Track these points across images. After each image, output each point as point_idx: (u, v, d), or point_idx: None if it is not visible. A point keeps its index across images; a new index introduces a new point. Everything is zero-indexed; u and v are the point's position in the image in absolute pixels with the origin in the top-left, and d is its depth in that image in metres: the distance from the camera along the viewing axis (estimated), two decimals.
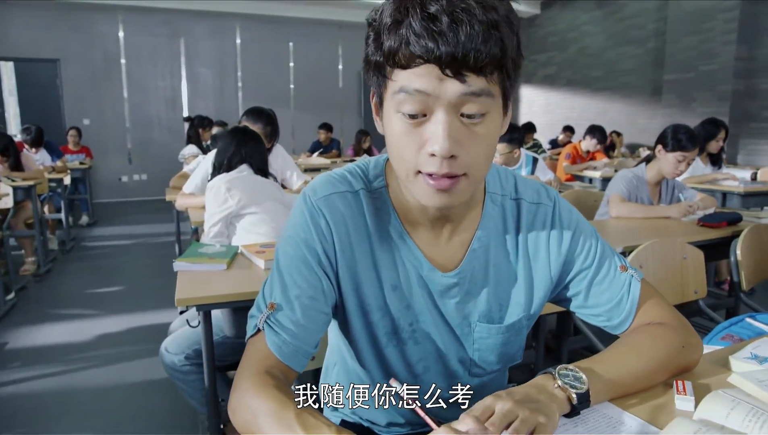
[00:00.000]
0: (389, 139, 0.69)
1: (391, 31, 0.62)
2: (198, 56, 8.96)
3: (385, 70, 0.66)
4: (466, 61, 0.60)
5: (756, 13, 5.56)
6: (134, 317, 3.32)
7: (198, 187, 2.75)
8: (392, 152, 0.70)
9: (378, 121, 0.74)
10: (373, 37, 0.66)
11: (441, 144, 0.63)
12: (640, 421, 0.69)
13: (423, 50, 0.60)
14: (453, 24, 0.59)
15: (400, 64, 0.63)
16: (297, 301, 0.75)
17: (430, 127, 0.64)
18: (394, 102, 0.66)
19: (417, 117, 0.64)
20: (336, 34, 9.86)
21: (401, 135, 0.66)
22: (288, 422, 0.62)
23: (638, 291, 0.84)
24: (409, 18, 0.60)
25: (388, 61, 0.64)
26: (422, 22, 0.60)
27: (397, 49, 0.62)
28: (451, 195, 0.68)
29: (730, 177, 3.56)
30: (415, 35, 0.60)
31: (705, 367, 0.86)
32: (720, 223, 2.13)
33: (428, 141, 0.64)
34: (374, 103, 0.74)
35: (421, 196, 0.70)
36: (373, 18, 0.67)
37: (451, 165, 0.65)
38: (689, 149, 2.26)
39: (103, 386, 2.44)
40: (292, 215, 0.81)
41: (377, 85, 0.69)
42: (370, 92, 0.74)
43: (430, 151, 0.64)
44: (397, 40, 0.62)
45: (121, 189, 8.77)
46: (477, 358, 0.85)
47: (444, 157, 0.64)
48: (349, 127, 10.10)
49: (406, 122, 0.65)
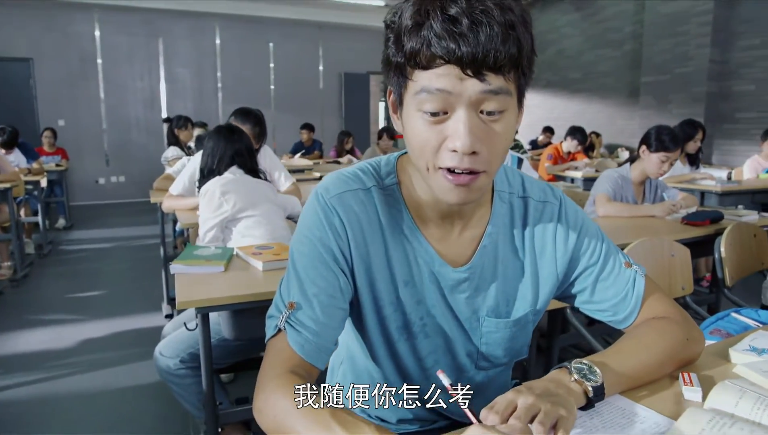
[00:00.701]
0: (410, 136, 0.70)
1: (413, 33, 0.64)
2: (177, 56, 8.84)
3: (405, 70, 0.67)
4: (486, 61, 0.62)
5: (728, 18, 5.73)
6: (118, 321, 3.26)
7: (185, 187, 2.71)
8: (413, 148, 0.71)
9: (396, 118, 0.75)
10: (393, 39, 0.67)
11: (463, 140, 0.65)
12: (653, 412, 0.72)
13: (444, 51, 0.62)
14: (473, 25, 0.61)
15: (421, 65, 0.64)
16: (316, 299, 0.75)
17: (452, 124, 0.66)
18: (415, 101, 0.67)
19: (438, 114, 0.66)
20: (317, 35, 9.83)
21: (422, 132, 0.68)
22: (325, 422, 0.62)
23: (642, 286, 0.87)
24: (429, 20, 0.62)
25: (410, 62, 0.65)
26: (443, 24, 0.61)
27: (418, 51, 0.64)
28: (470, 190, 0.70)
29: (707, 177, 3.66)
30: (436, 37, 0.62)
31: (705, 359, 0.89)
32: (703, 222, 2.20)
33: (450, 137, 0.66)
34: (392, 102, 0.75)
35: (440, 192, 0.71)
36: (391, 20, 0.68)
37: (472, 160, 0.66)
38: (672, 150, 2.32)
39: (89, 392, 2.40)
40: (305, 214, 0.81)
41: (397, 85, 0.70)
42: (387, 91, 0.75)
43: (452, 148, 0.66)
44: (419, 42, 0.63)
45: (99, 191, 8.59)
46: (484, 351, 0.87)
47: (465, 153, 0.66)
48: (330, 128, 10.08)
49: (427, 120, 0.67)
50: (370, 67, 10.35)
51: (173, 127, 4.90)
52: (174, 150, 4.78)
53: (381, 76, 10.55)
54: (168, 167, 4.85)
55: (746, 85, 5.65)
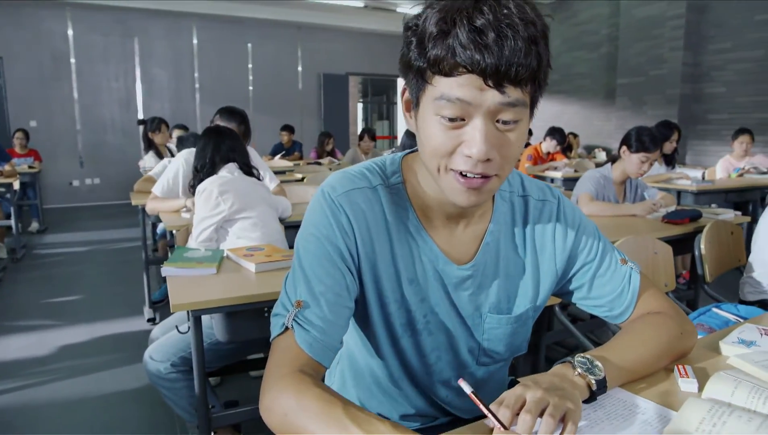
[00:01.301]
0: (424, 138, 0.72)
1: (438, 40, 0.65)
2: (153, 57, 8.70)
3: (426, 75, 0.68)
4: (508, 74, 0.63)
5: (699, 22, 5.89)
6: (98, 326, 3.19)
7: (168, 188, 2.67)
8: (426, 149, 0.72)
9: (408, 117, 0.77)
10: (416, 43, 0.68)
11: (479, 148, 0.66)
12: (653, 404, 0.74)
13: (469, 61, 0.63)
14: (498, 38, 0.62)
15: (444, 72, 0.66)
16: (323, 298, 0.76)
17: (468, 131, 0.67)
18: (434, 106, 0.68)
19: (456, 120, 0.67)
20: (295, 36, 9.79)
21: (438, 135, 0.69)
22: (339, 420, 0.62)
23: (638, 282, 0.90)
24: (456, 29, 0.63)
25: (432, 67, 0.66)
26: (469, 34, 0.62)
27: (442, 58, 0.65)
28: (480, 194, 0.72)
29: (683, 176, 3.77)
30: (462, 46, 0.63)
31: (697, 352, 0.92)
32: (683, 220, 2.26)
33: (465, 143, 0.68)
34: (406, 101, 0.77)
35: (451, 193, 0.73)
36: (414, 24, 0.69)
37: (484, 166, 0.68)
38: (652, 150, 2.38)
39: (72, 399, 2.34)
40: (312, 212, 0.81)
41: (415, 87, 0.71)
42: (402, 89, 0.77)
43: (467, 154, 0.67)
44: (444, 50, 0.64)
45: (73, 194, 8.39)
46: (486, 347, 0.89)
47: (480, 161, 0.67)
48: (310, 129, 10.04)
49: (444, 124, 0.68)
50: (349, 68, 10.35)
51: (147, 130, 4.78)
52: (151, 158, 4.65)
53: (360, 77, 10.54)
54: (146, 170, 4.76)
55: (717, 87, 5.82)
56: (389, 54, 10.74)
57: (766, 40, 5.36)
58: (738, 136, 4.60)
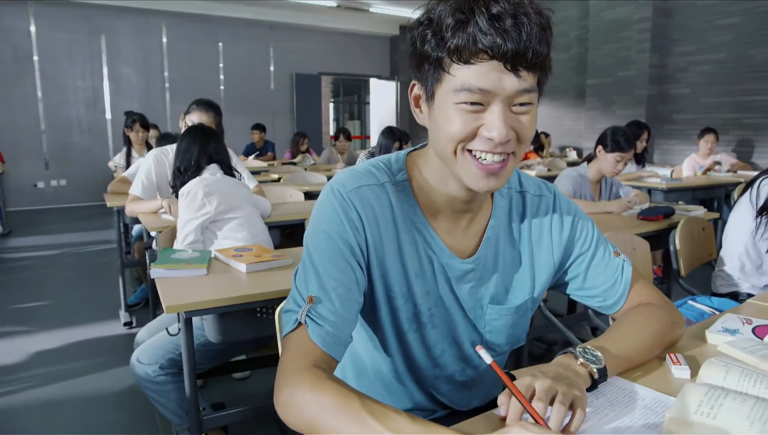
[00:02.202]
0: (443, 124, 0.74)
1: (457, 30, 0.68)
2: (121, 55, 8.49)
3: (444, 64, 0.71)
4: (525, 58, 0.67)
5: (665, 25, 6.09)
6: (71, 332, 3.11)
7: (144, 187, 2.63)
8: (443, 135, 0.74)
9: (418, 112, 0.80)
10: (432, 35, 0.71)
11: (499, 131, 0.70)
12: (650, 390, 0.78)
13: (490, 45, 0.67)
14: (515, 24, 0.66)
15: (464, 59, 0.69)
16: (334, 293, 0.77)
17: (488, 116, 0.71)
18: (453, 95, 0.71)
19: (476, 105, 0.71)
20: (267, 35, 9.70)
21: (458, 121, 0.72)
22: (356, 413, 0.63)
23: (630, 274, 0.94)
24: (475, 17, 0.67)
25: (452, 56, 0.69)
26: (488, 21, 0.66)
27: (463, 46, 0.68)
28: (498, 178, 0.75)
29: (653, 174, 3.89)
30: (482, 32, 0.66)
31: (685, 341, 0.96)
32: (657, 217, 2.35)
33: (485, 126, 0.71)
34: (415, 96, 0.80)
35: (468, 177, 0.75)
36: (426, 19, 0.72)
37: (503, 147, 0.72)
38: (626, 150, 2.46)
39: (49, 405, 2.28)
40: (321, 209, 0.82)
41: (432, 78, 0.74)
42: (410, 85, 0.79)
43: (488, 136, 0.71)
44: (464, 38, 0.67)
45: (37, 196, 8.12)
46: (488, 339, 0.92)
47: (500, 142, 0.71)
48: (282, 130, 9.97)
49: (465, 109, 0.71)
50: (321, 67, 10.31)
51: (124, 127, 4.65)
52: (121, 157, 4.53)
53: (332, 77, 10.48)
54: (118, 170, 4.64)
55: (683, 88, 6.03)
56: (362, 54, 10.76)
57: (727, 44, 5.58)
58: (703, 135, 4.79)
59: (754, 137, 5.44)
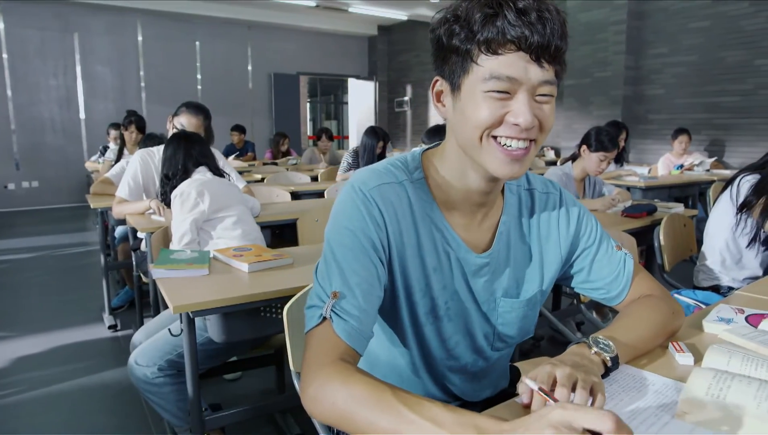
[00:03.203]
0: (468, 113, 0.77)
1: (486, 23, 0.72)
2: (95, 53, 8.31)
3: (473, 56, 0.75)
4: (548, 50, 0.73)
5: (640, 28, 6.26)
6: (53, 336, 3.04)
7: (131, 189, 2.59)
8: (469, 123, 0.77)
9: (440, 105, 0.84)
10: (460, 30, 0.75)
11: (525, 117, 0.74)
12: (658, 376, 0.82)
13: (518, 36, 0.71)
14: (540, 18, 0.71)
15: (492, 50, 0.73)
16: (358, 288, 0.79)
17: (514, 103, 0.75)
18: (482, 84, 0.75)
19: (503, 93, 0.75)
20: (245, 35, 9.62)
21: (485, 108, 0.75)
22: (390, 403, 0.65)
23: (632, 267, 0.99)
24: (503, 11, 0.71)
25: (481, 47, 0.73)
26: (516, 14, 0.71)
27: (493, 38, 0.72)
28: (521, 164, 0.78)
29: (632, 173, 4.01)
30: (511, 25, 0.71)
31: (682, 331, 1.01)
32: (641, 214, 2.43)
33: (511, 113, 0.75)
34: (437, 92, 0.83)
35: (492, 163, 0.78)
36: (453, 16, 0.76)
37: (528, 133, 0.76)
38: (610, 150, 2.53)
39: (36, 411, 2.24)
40: (343, 207, 0.84)
41: (459, 71, 0.77)
42: (432, 81, 0.83)
43: (514, 122, 0.75)
44: (494, 30, 0.72)
45: (9, 198, 7.89)
46: (501, 331, 0.95)
47: (526, 128, 0.75)
48: (261, 130, 9.90)
49: (493, 97, 0.75)
50: (300, 67, 10.27)
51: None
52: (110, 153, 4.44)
53: (309, 77, 10.38)
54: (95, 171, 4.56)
55: (657, 89, 6.20)
56: (340, 54, 10.74)
57: (699, 46, 5.77)
58: (678, 135, 4.94)
59: (725, 137, 5.63)
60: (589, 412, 0.54)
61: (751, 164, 1.93)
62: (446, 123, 0.86)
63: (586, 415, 0.54)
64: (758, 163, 1.90)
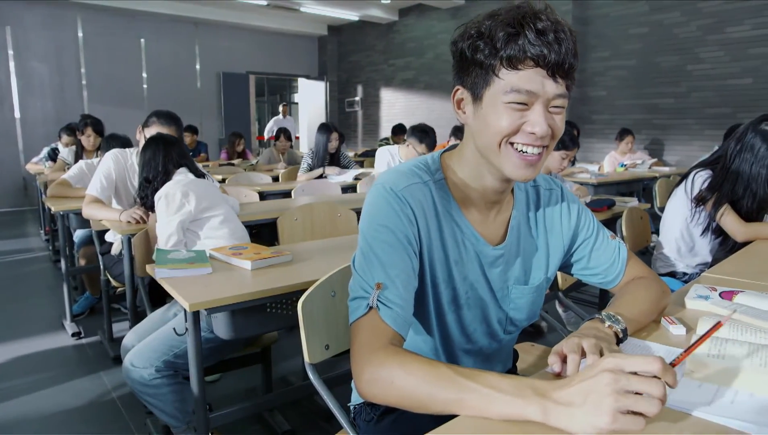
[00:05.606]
0: (489, 121, 0.85)
1: (509, 41, 0.80)
2: (30, 49, 7.88)
3: (496, 70, 0.82)
4: (563, 67, 0.81)
5: (584, 33, 6.62)
6: (13, 346, 2.91)
7: (103, 187, 2.52)
8: (489, 130, 0.86)
9: (461, 112, 0.92)
10: (484, 45, 0.82)
11: (541, 127, 0.83)
12: (660, 345, 0.94)
13: (538, 54, 0.79)
14: (557, 39, 0.79)
15: (513, 66, 0.81)
16: (398, 279, 0.86)
17: (531, 114, 0.83)
18: (503, 96, 0.83)
19: (521, 105, 0.83)
20: (192, 33, 9.40)
21: (505, 118, 0.84)
22: (449, 377, 0.72)
23: (625, 253, 1.11)
24: (524, 31, 0.79)
25: (503, 63, 0.81)
26: (536, 35, 0.79)
27: (515, 55, 0.80)
28: (535, 168, 0.88)
29: (584, 170, 4.26)
30: (531, 44, 0.79)
31: (668, 308, 1.14)
32: (603, 208, 2.61)
33: (528, 123, 0.84)
34: (458, 100, 0.92)
35: (509, 167, 0.87)
36: (477, 32, 0.83)
37: (542, 140, 0.85)
38: (571, 148, 2.70)
39: (3, 428, 2.14)
40: (376, 206, 0.91)
41: (481, 82, 0.85)
42: (454, 88, 0.91)
43: (530, 131, 0.84)
44: (516, 48, 0.80)
45: None
46: (512, 316, 1.05)
47: (541, 137, 0.84)
48: (210, 129, 9.69)
49: (513, 108, 0.83)
50: (249, 66, 10.13)
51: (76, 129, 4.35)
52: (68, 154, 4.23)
53: (255, 77, 10.19)
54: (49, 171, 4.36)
55: (600, 91, 6.59)
56: (290, 53, 10.67)
57: (637, 51, 6.19)
58: (624, 136, 5.30)
59: (663, 136, 6.06)
60: (638, 357, 0.64)
61: (703, 160, 2.14)
62: (465, 128, 0.94)
63: (635, 360, 0.64)
64: (708, 159, 2.11)
